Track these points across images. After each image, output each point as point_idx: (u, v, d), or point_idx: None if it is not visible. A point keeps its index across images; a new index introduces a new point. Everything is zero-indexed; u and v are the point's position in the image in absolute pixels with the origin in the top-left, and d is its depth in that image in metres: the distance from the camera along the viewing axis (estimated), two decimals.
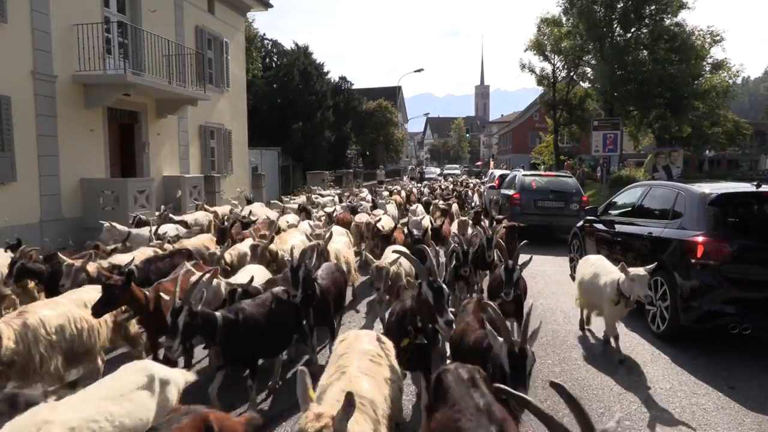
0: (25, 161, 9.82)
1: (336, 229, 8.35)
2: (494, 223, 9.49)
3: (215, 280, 4.70)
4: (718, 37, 22.87)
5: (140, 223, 8.88)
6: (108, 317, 4.25)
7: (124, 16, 12.75)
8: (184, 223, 9.32)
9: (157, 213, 11.24)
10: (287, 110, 30.50)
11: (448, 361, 4.12)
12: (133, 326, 4.50)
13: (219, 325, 3.65)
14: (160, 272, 5.47)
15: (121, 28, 12.31)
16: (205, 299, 4.27)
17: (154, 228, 7.88)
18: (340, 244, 7.11)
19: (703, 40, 22.98)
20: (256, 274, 5.18)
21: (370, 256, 5.56)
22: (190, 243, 7.15)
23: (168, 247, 6.74)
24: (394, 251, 5.31)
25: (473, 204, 15.88)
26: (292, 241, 7.24)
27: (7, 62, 9.48)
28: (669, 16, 23.26)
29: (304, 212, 11.26)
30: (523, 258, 4.89)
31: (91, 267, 5.19)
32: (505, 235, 7.83)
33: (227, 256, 6.16)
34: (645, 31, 23.86)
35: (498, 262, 5.51)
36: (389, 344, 3.21)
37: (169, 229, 8.28)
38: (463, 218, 8.63)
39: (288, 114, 30.40)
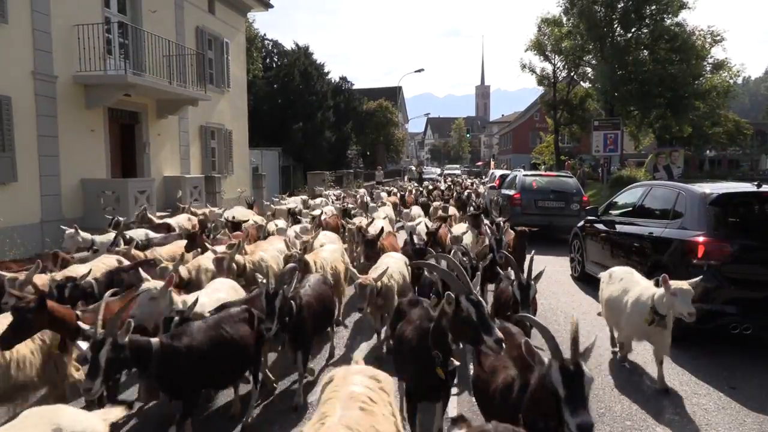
0: (25, 161, 9.82)
1: (326, 234, 7.77)
2: (493, 225, 8.98)
3: (175, 296, 3.98)
4: (718, 37, 22.88)
5: (119, 227, 7.99)
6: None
7: (124, 16, 12.75)
8: (166, 226, 8.66)
9: (159, 214, 11.26)
10: (288, 110, 30.50)
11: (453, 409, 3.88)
12: (69, 362, 3.70)
13: (155, 354, 3.07)
14: (125, 286, 4.73)
15: (122, 29, 12.33)
16: (153, 314, 3.78)
17: (121, 234, 6.91)
18: (329, 251, 6.39)
19: (704, 40, 22.98)
20: (223, 290, 4.54)
21: (354, 271, 4.89)
22: (164, 250, 6.39)
23: (138, 254, 5.98)
24: (421, 263, 4.67)
25: (474, 205, 15.52)
26: (269, 251, 6.39)
27: (8, 62, 9.48)
28: (669, 16, 23.27)
29: (292, 216, 10.36)
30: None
31: (42, 279, 4.48)
32: (515, 242, 7.02)
33: (183, 271, 5.13)
34: (645, 31, 23.87)
35: (504, 275, 4.89)
36: (388, 384, 2.59)
37: (137, 233, 7.43)
38: (459, 225, 7.86)
39: (288, 114, 30.40)
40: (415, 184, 28.09)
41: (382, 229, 6.92)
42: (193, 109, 14.95)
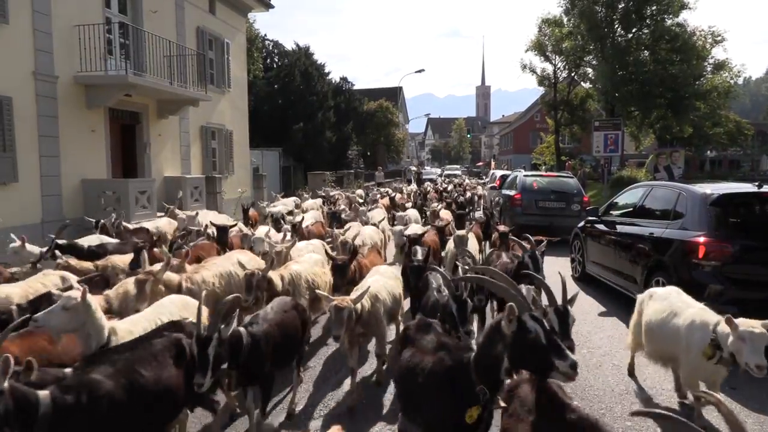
0: (26, 162, 9.84)
1: (311, 243, 7.07)
2: (495, 232, 8.07)
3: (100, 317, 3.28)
4: (719, 38, 22.85)
5: (105, 230, 7.60)
6: None
7: (125, 16, 12.77)
8: (145, 231, 8.06)
9: (159, 214, 11.26)
10: (288, 111, 30.54)
11: None
12: None
13: (43, 414, 2.30)
14: None
15: (123, 29, 12.34)
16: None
17: (56, 243, 5.76)
18: (304, 263, 5.56)
19: (705, 40, 22.96)
20: (166, 313, 3.75)
21: (323, 293, 4.14)
22: (124, 260, 5.48)
23: (83, 266, 5.23)
24: (468, 277, 3.72)
25: (475, 208, 14.56)
26: (218, 267, 5.25)
27: (9, 63, 9.49)
28: (670, 16, 23.24)
29: (274, 222, 9.53)
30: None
31: None
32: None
33: (94, 300, 3.39)
34: (646, 31, 23.84)
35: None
36: None
37: (90, 240, 6.60)
38: (461, 233, 6.74)
39: (289, 114, 30.44)
40: (414, 186, 27.34)
41: (355, 251, 5.67)
42: (194, 109, 14.96)
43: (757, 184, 5.89)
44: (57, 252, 5.53)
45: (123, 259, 5.57)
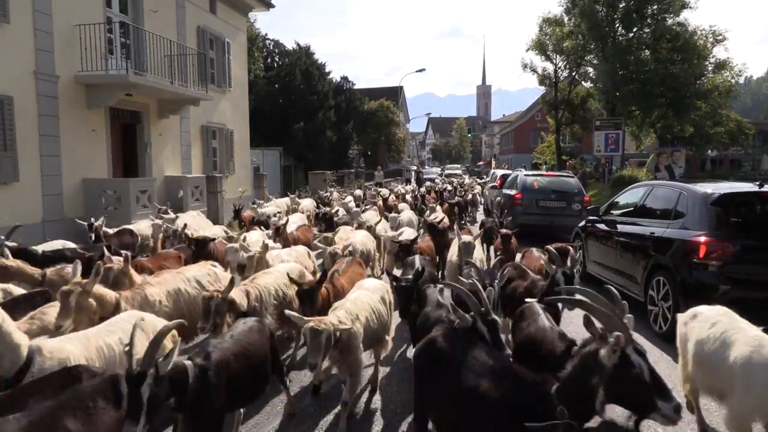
0: (27, 161, 9.85)
1: (295, 249, 6.53)
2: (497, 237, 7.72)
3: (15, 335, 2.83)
4: (720, 37, 22.89)
5: (97, 232, 7.31)
6: None
7: (126, 16, 12.77)
8: (128, 232, 7.79)
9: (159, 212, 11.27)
10: (289, 110, 30.55)
11: None
12: None
13: None
14: None
15: (123, 29, 12.35)
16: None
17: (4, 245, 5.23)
18: (279, 274, 4.86)
19: (706, 39, 22.98)
20: (118, 331, 3.25)
21: (294, 314, 3.49)
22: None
23: (27, 271, 4.79)
24: (560, 298, 3.19)
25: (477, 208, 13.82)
26: (172, 282, 4.56)
27: (10, 62, 9.50)
28: (671, 15, 23.28)
29: (259, 224, 9.11)
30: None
31: None
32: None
33: (11, 327, 2.87)
34: (647, 30, 23.87)
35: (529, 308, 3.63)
36: None
37: (53, 245, 6.22)
38: (467, 239, 5.95)
39: (290, 114, 30.45)
40: (412, 185, 26.90)
41: (324, 275, 4.68)
42: (195, 108, 14.97)
43: (758, 183, 5.90)
44: (7, 251, 5.05)
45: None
